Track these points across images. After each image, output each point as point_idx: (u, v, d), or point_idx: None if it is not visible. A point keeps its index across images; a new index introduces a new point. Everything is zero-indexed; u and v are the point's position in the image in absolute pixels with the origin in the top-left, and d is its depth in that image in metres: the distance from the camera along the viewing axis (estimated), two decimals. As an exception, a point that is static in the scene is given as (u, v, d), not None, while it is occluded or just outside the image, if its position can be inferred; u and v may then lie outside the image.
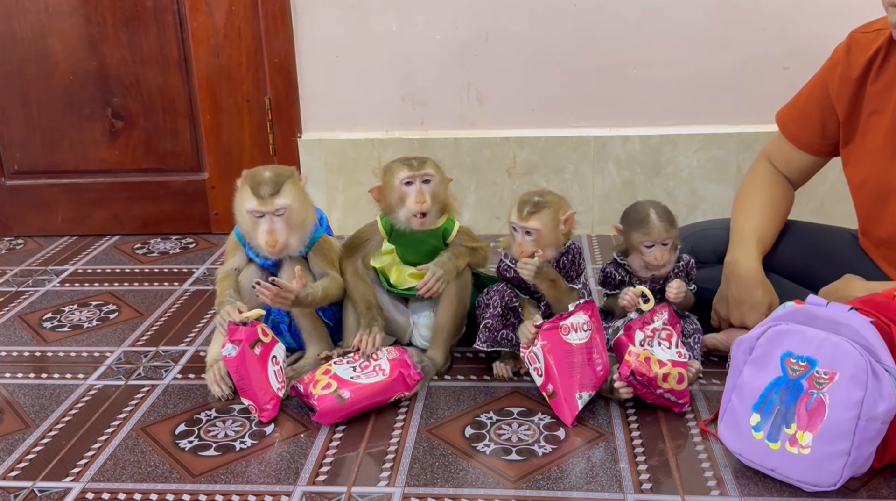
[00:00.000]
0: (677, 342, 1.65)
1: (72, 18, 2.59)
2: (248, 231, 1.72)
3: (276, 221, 1.67)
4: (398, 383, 1.66)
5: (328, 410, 1.62)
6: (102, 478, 1.50)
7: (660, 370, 1.58)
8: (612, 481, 1.45)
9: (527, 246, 1.69)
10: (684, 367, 1.61)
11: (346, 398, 1.62)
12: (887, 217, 1.68)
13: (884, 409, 1.32)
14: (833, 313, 1.40)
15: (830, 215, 2.39)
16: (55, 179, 2.75)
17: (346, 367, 1.68)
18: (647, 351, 1.60)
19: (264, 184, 1.66)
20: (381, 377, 1.66)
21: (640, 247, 1.71)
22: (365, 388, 1.64)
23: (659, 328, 1.63)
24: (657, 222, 1.68)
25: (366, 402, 1.64)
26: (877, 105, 1.66)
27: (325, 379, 1.66)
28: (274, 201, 1.66)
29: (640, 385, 1.60)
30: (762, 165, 1.90)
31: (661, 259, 1.69)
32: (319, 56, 2.59)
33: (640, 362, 1.58)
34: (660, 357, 1.60)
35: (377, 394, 1.65)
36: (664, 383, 1.59)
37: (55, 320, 2.16)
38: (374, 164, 2.64)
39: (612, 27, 2.48)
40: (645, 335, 1.63)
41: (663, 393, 1.60)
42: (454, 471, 1.49)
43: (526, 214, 1.68)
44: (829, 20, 2.32)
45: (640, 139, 2.55)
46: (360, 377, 1.66)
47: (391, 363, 1.68)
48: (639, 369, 1.58)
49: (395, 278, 1.85)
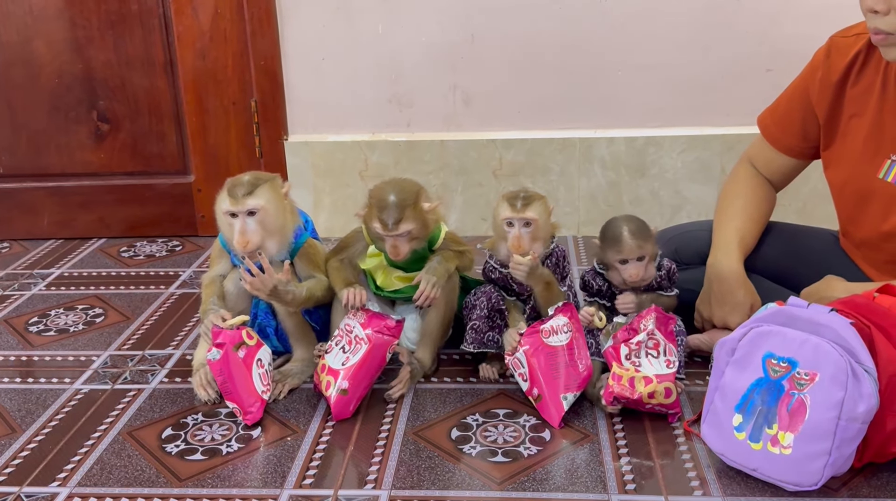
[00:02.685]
0: (666, 348, 1.63)
1: (57, 21, 2.58)
2: (227, 234, 1.73)
3: (249, 221, 1.68)
4: (380, 343, 1.68)
5: (340, 407, 1.65)
6: (89, 483, 1.50)
7: (644, 389, 1.57)
8: (596, 482, 1.46)
9: (525, 240, 1.71)
10: (672, 379, 1.59)
11: (347, 388, 1.65)
12: (867, 219, 1.70)
13: (864, 409, 1.34)
14: (814, 314, 1.42)
15: (813, 216, 2.42)
16: (41, 183, 2.74)
17: (336, 351, 1.70)
18: (630, 370, 1.59)
19: (240, 185, 1.68)
20: (364, 346, 1.67)
21: (615, 264, 1.72)
22: (356, 368, 1.66)
23: (644, 340, 1.62)
24: (629, 240, 1.69)
25: (365, 379, 1.68)
26: (856, 109, 1.68)
27: (325, 377, 1.68)
28: (246, 201, 1.66)
29: (628, 404, 1.61)
30: (744, 168, 1.92)
31: (635, 276, 1.70)
32: (306, 58, 2.60)
33: (623, 385, 1.58)
34: (646, 373, 1.59)
35: (369, 365, 1.68)
36: (651, 399, 1.59)
37: (41, 324, 2.16)
38: (360, 166, 2.64)
39: (597, 29, 2.49)
40: (630, 350, 1.62)
41: (653, 407, 1.61)
42: (440, 473, 1.50)
43: (521, 206, 1.70)
44: (812, 22, 2.34)
45: (625, 141, 2.56)
46: (350, 357, 1.67)
47: (362, 326, 1.69)
48: (621, 394, 1.59)
49: (382, 281, 1.86)
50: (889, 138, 1.63)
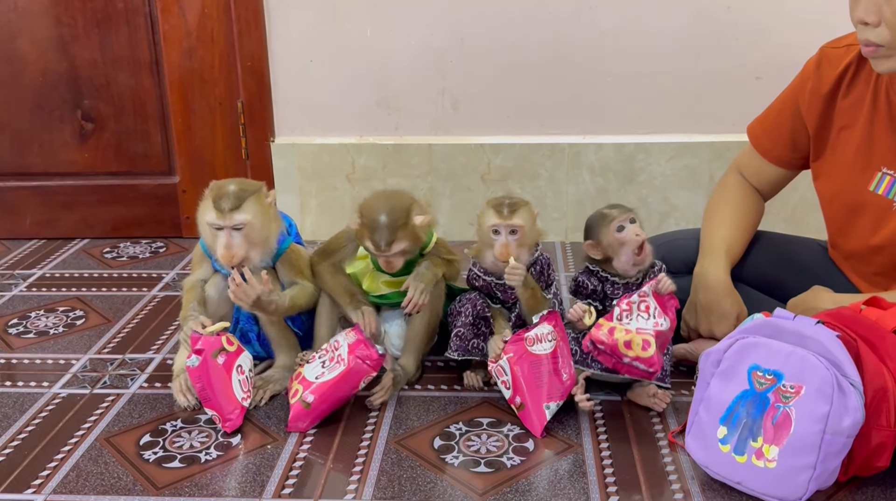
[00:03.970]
0: (656, 312, 1.61)
1: (41, 19, 2.55)
2: (209, 243, 1.71)
3: (235, 235, 1.65)
4: (358, 370, 1.63)
5: (295, 416, 1.62)
6: (64, 490, 1.47)
7: (623, 337, 1.57)
8: (579, 493, 1.44)
9: (512, 246, 1.69)
10: (653, 334, 1.58)
11: (311, 401, 1.61)
12: (856, 231, 1.70)
13: (849, 423, 1.33)
14: (800, 326, 1.40)
15: (801, 225, 2.41)
16: (24, 182, 2.71)
17: (316, 363, 1.68)
18: (615, 323, 1.60)
19: (226, 197, 1.64)
20: (341, 366, 1.63)
21: (614, 237, 1.68)
22: (327, 386, 1.62)
23: (636, 301, 1.61)
24: (613, 210, 1.69)
25: (331, 399, 1.63)
26: (847, 120, 1.67)
27: (295, 385, 1.66)
28: (233, 216, 1.64)
29: (605, 355, 1.60)
30: (733, 177, 1.91)
31: (641, 233, 1.67)
32: (293, 60, 2.57)
33: (603, 333, 1.59)
34: (627, 327, 1.59)
35: (339, 388, 1.63)
36: (628, 350, 1.57)
37: (21, 326, 2.13)
38: (347, 169, 2.62)
39: (587, 35, 2.48)
40: (621, 310, 1.62)
41: (631, 362, 1.58)
42: (422, 484, 1.48)
43: (508, 212, 1.69)
44: (802, 31, 2.33)
45: (613, 147, 2.55)
46: (325, 373, 1.64)
47: (349, 348, 1.65)
48: (598, 337, 1.58)
49: (368, 285, 1.84)
50: (879, 151, 1.63)
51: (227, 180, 1.70)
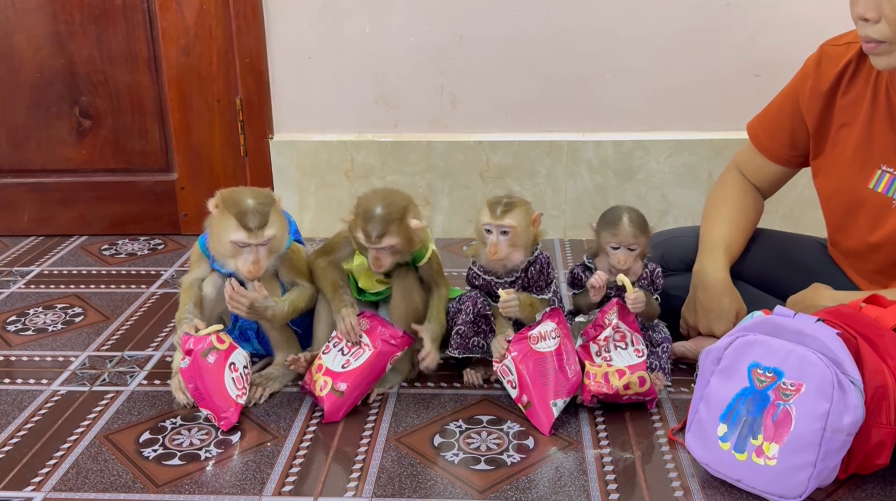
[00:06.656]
0: (633, 338, 1.67)
1: (38, 15, 2.54)
2: (226, 256, 1.66)
3: (261, 250, 1.64)
4: (385, 351, 1.69)
5: (333, 408, 1.65)
6: (64, 488, 1.47)
7: (619, 382, 1.62)
8: (579, 490, 1.44)
9: (502, 247, 1.69)
10: (643, 367, 1.65)
11: (344, 390, 1.64)
12: (856, 228, 1.70)
13: (849, 421, 1.33)
14: (800, 324, 1.41)
15: (800, 222, 2.42)
16: (21, 179, 2.70)
17: (334, 353, 1.69)
18: (603, 366, 1.64)
19: (251, 215, 1.61)
20: (367, 352, 1.68)
21: (607, 247, 1.71)
22: (357, 372, 1.66)
23: (610, 334, 1.66)
24: (627, 226, 1.69)
25: (363, 384, 1.68)
26: (846, 118, 1.67)
27: (321, 378, 1.67)
28: (263, 234, 1.62)
29: (606, 398, 1.65)
30: (732, 175, 1.91)
31: (623, 263, 1.69)
32: (292, 57, 2.57)
33: (599, 382, 1.63)
34: (618, 366, 1.64)
35: (370, 372, 1.68)
36: (627, 390, 1.63)
37: (19, 323, 2.12)
38: (346, 166, 2.62)
39: (585, 33, 2.48)
40: (599, 346, 1.66)
41: (630, 397, 1.64)
42: (422, 481, 1.48)
43: (500, 212, 1.68)
44: (800, 29, 2.34)
45: (612, 144, 2.55)
46: (350, 361, 1.67)
47: (370, 336, 1.69)
48: (598, 390, 1.63)
49: (364, 283, 1.83)
50: (879, 148, 1.63)
51: (237, 191, 1.66)
